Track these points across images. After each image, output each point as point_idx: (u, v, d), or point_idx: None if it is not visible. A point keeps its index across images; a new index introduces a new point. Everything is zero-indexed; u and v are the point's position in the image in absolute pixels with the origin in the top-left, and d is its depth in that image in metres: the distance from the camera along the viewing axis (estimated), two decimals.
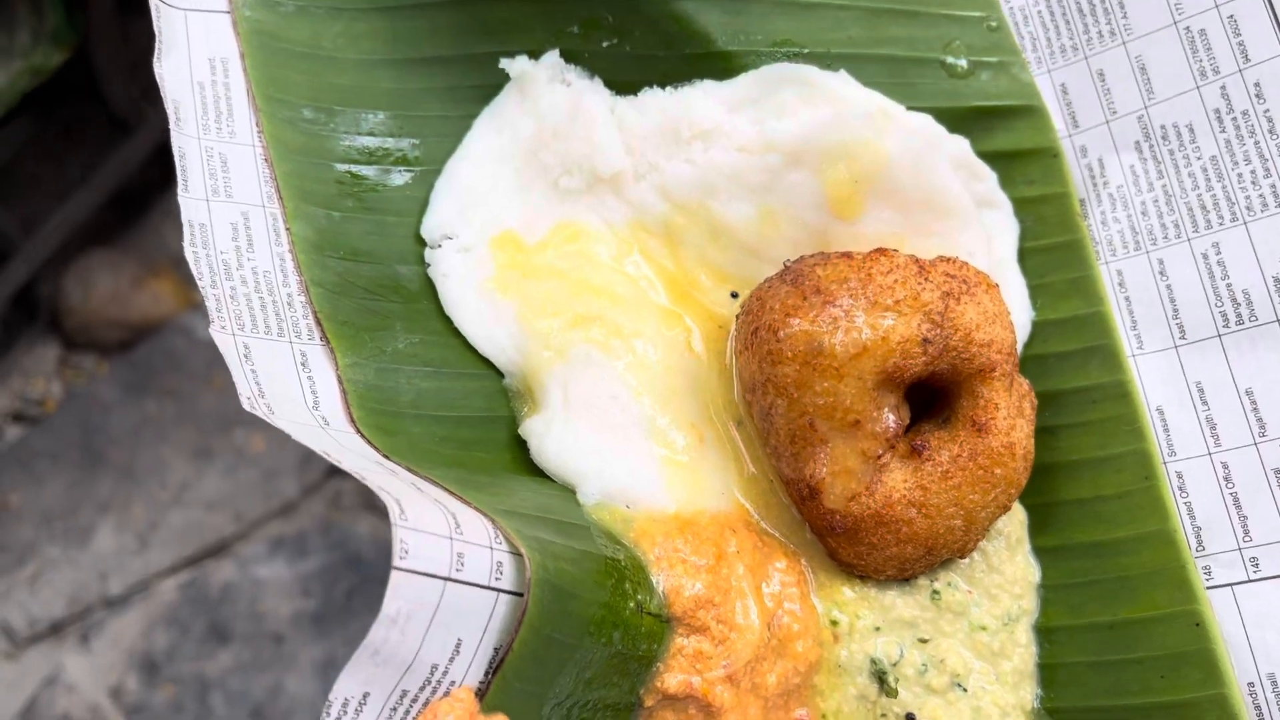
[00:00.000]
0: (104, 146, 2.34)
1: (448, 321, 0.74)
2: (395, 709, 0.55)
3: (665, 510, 0.68)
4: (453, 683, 0.56)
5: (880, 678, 0.69)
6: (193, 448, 2.49)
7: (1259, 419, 0.70)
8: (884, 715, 0.69)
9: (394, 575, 0.52)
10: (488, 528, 0.58)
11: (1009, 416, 0.68)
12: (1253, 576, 0.67)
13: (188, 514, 2.48)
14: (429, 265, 0.75)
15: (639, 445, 0.69)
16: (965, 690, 0.69)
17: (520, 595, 0.57)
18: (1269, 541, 0.67)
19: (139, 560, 2.41)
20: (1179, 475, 0.71)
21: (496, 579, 0.57)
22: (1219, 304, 0.73)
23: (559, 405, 0.70)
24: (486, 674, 0.57)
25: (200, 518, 2.35)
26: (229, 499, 2.33)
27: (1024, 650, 0.71)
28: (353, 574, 2.26)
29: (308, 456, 2.32)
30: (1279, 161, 0.73)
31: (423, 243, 0.76)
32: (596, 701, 0.64)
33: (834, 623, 0.70)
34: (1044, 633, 0.72)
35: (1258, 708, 0.65)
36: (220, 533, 2.26)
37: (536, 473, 0.71)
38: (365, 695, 0.53)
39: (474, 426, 0.71)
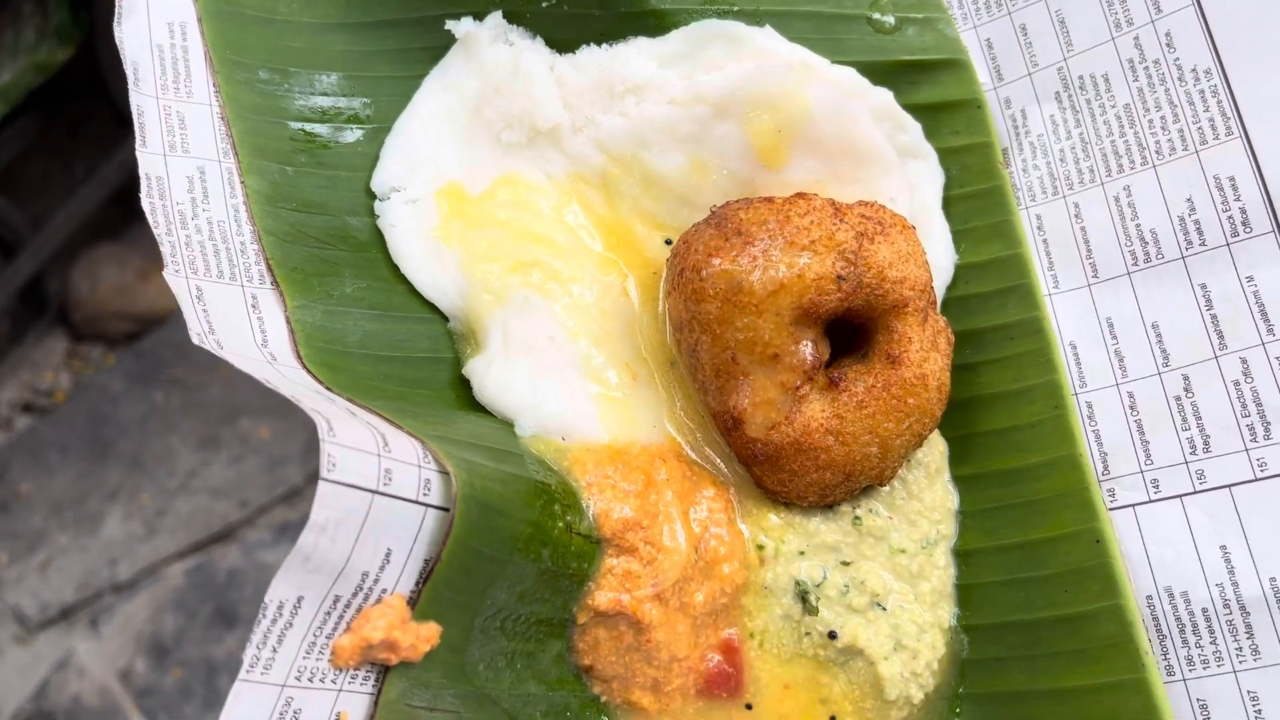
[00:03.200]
0: (109, 142, 2.37)
1: (395, 269, 0.78)
2: (329, 614, 0.59)
3: (598, 441, 0.72)
4: (384, 590, 0.60)
5: (804, 598, 0.73)
6: (199, 436, 2.53)
7: (1163, 350, 0.73)
8: (808, 634, 0.73)
9: (321, 486, 0.56)
10: (416, 448, 0.62)
11: (922, 350, 0.72)
12: (1153, 497, 0.71)
13: (194, 501, 2.52)
14: (378, 216, 0.79)
15: (574, 382, 0.73)
16: (885, 609, 0.73)
17: (447, 510, 0.61)
18: (1168, 464, 0.71)
19: (147, 546, 2.45)
20: (1089, 405, 0.75)
21: (425, 494, 0.61)
22: (1129, 243, 0.76)
23: (499, 346, 0.74)
24: (417, 584, 0.61)
25: (207, 504, 2.39)
26: (235, 486, 2.37)
27: (942, 572, 0.75)
28: None
29: (311, 444, 2.35)
30: (1187, 108, 0.76)
31: (373, 196, 0.80)
32: (530, 616, 0.68)
33: (760, 547, 0.74)
34: (961, 555, 0.76)
35: (1156, 618, 0.69)
36: (226, 519, 2.30)
37: (480, 411, 0.75)
38: (299, 599, 0.57)
39: (419, 366, 0.75)
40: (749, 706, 0.74)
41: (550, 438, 0.72)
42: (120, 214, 2.63)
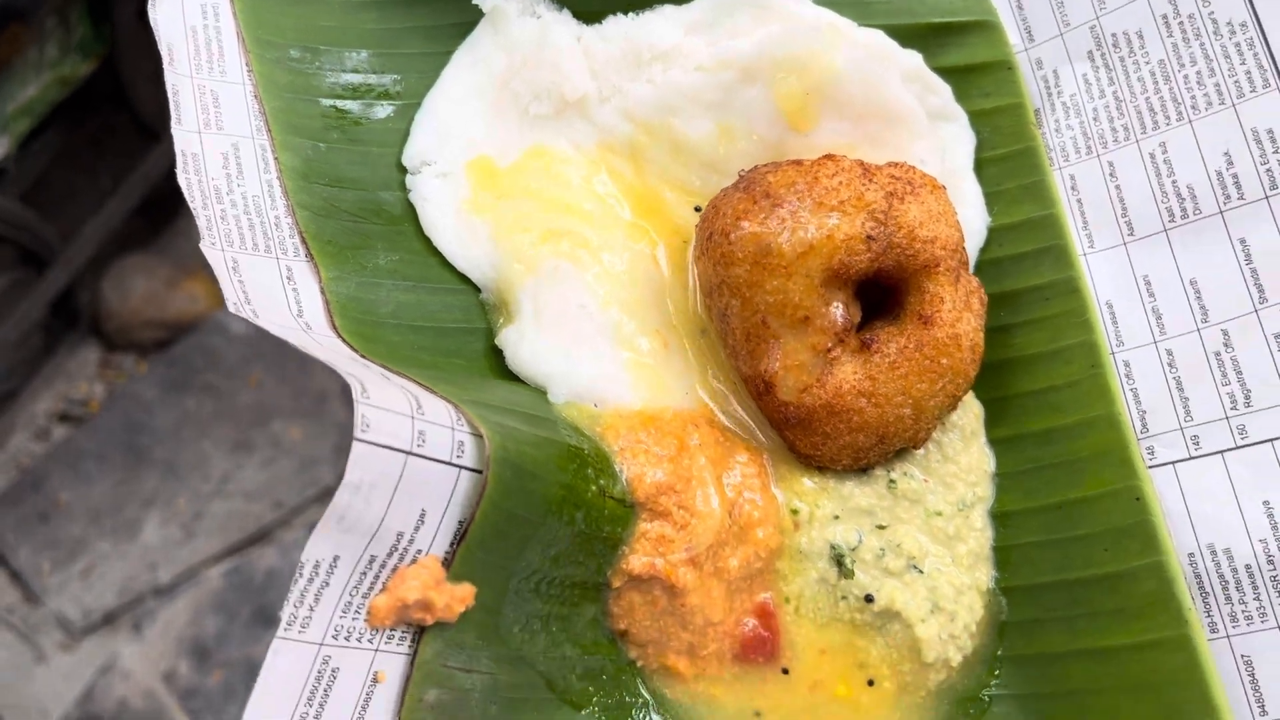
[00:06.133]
0: (133, 154, 2.38)
1: (427, 242, 0.79)
2: (365, 573, 0.59)
3: (630, 407, 0.72)
4: (419, 551, 0.61)
5: (839, 561, 0.73)
6: (232, 441, 2.56)
7: (1201, 306, 0.72)
8: (844, 597, 0.73)
9: (356, 446, 0.56)
10: (450, 411, 0.63)
11: (954, 309, 0.71)
12: (1193, 454, 0.70)
13: (230, 504, 2.55)
14: (409, 190, 0.80)
15: (606, 349, 0.74)
16: (922, 572, 0.73)
17: (481, 472, 0.62)
18: (1208, 420, 0.70)
19: (185, 550, 2.48)
20: (1126, 364, 0.74)
21: (458, 456, 0.61)
22: (1165, 200, 0.75)
23: (530, 315, 0.74)
24: (452, 545, 0.62)
25: (242, 507, 2.42)
26: (269, 488, 2.39)
27: (979, 534, 0.74)
28: None
29: (342, 445, 2.37)
30: (1223, 62, 0.75)
31: (404, 170, 0.81)
32: (565, 579, 0.68)
33: (794, 511, 0.74)
34: (999, 518, 0.75)
35: (1198, 575, 0.68)
36: (261, 521, 2.33)
37: (514, 380, 0.75)
38: (335, 559, 0.58)
39: (452, 337, 0.76)
40: (786, 671, 0.73)
41: (583, 404, 0.72)
42: (146, 225, 2.66)
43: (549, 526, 0.66)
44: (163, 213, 2.67)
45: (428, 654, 0.63)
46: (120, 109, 2.27)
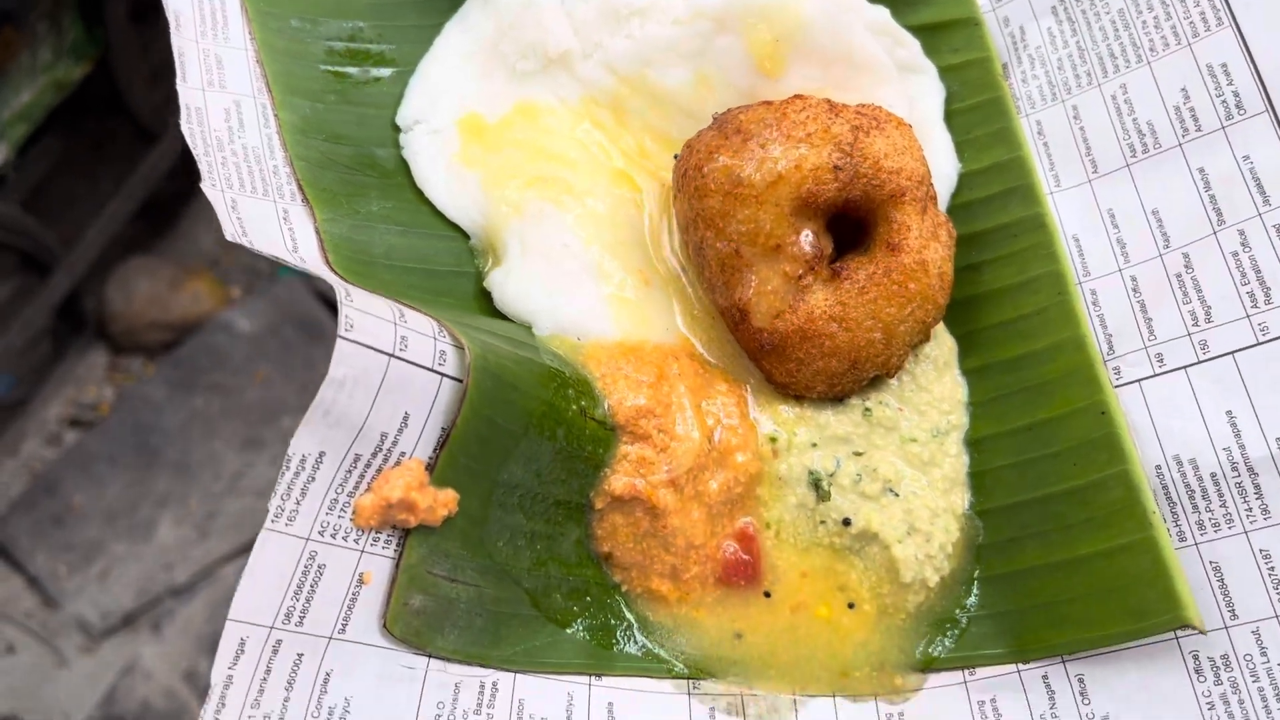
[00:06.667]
0: (132, 157, 2.40)
1: (419, 193, 0.82)
2: (350, 472, 0.62)
3: (612, 339, 0.75)
4: (403, 454, 0.64)
5: (816, 485, 0.75)
6: (242, 439, 2.58)
7: (1163, 233, 0.75)
8: (823, 522, 0.75)
9: (339, 344, 0.59)
10: (432, 324, 0.66)
11: (921, 238, 0.74)
12: (1158, 371, 0.72)
13: (242, 502, 2.57)
14: (403, 148, 0.83)
15: (589, 286, 0.77)
16: (898, 495, 0.74)
17: (462, 382, 0.65)
18: (1171, 338, 0.72)
19: (200, 549, 2.50)
20: (1093, 293, 0.76)
21: (440, 364, 0.64)
22: (1126, 137, 0.78)
23: (517, 255, 0.78)
24: (435, 451, 0.65)
25: (254, 504, 2.43)
26: None
27: (954, 460, 0.76)
28: None
29: None
30: (1179, 6, 0.78)
31: (398, 129, 0.85)
32: (548, 496, 0.71)
33: (773, 439, 0.76)
34: (973, 445, 0.77)
35: (1165, 487, 0.70)
36: None
37: (502, 319, 0.78)
38: (321, 454, 0.61)
39: (442, 279, 0.79)
40: (768, 594, 0.75)
41: (566, 337, 0.75)
42: (147, 227, 2.68)
43: (530, 440, 0.68)
44: (163, 215, 2.70)
45: (413, 559, 0.65)
46: (117, 112, 2.30)
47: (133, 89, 2.23)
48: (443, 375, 0.64)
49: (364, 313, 0.61)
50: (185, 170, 2.65)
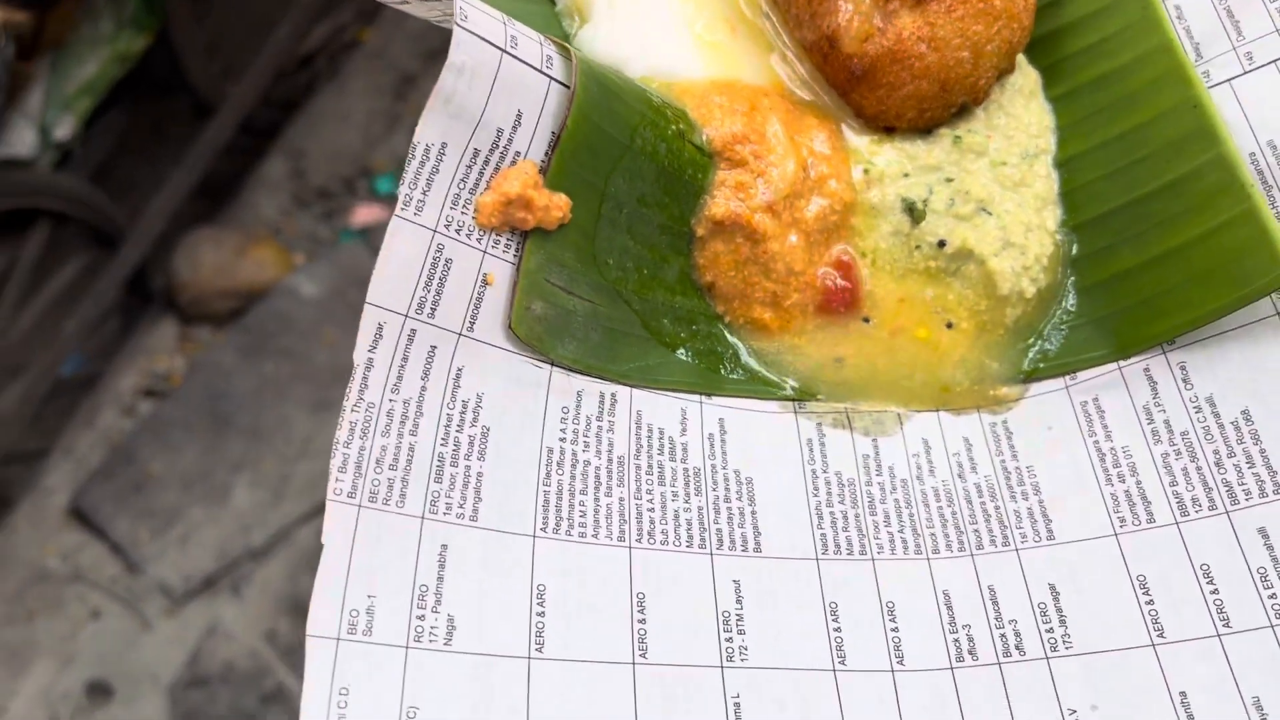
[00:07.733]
0: (192, 129, 2.47)
1: None
2: (470, 166, 0.64)
3: (704, 78, 0.77)
4: (518, 153, 0.66)
5: (910, 209, 0.76)
6: (312, 401, 2.63)
7: None
8: (918, 247, 0.76)
9: (456, 31, 0.61)
10: (535, 32, 0.68)
11: None
12: (1247, 69, 0.73)
13: (314, 464, 2.62)
14: None
15: (680, 32, 0.79)
16: (991, 214, 0.76)
17: (569, 87, 0.67)
18: (1260, 35, 0.73)
19: (275, 512, 2.55)
20: (1177, 7, 0.77)
21: (548, 67, 0.67)
22: None
23: (605, 11, 0.80)
24: (546, 154, 0.67)
25: (326, 467, 2.49)
26: None
27: (1045, 180, 0.77)
28: None
29: None
30: None
31: None
32: (653, 220, 0.73)
33: (866, 171, 0.78)
34: (1062, 165, 0.78)
35: (1260, 172, 0.70)
36: None
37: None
38: (444, 146, 0.63)
39: None
40: (867, 320, 0.77)
41: (658, 77, 0.77)
42: (208, 199, 2.75)
43: (634, 153, 0.70)
44: (223, 183, 2.76)
45: (531, 264, 0.68)
46: (176, 87, 2.35)
47: (191, 61, 2.28)
48: (551, 78, 0.67)
49: (474, 7, 0.64)
50: (243, 138, 2.70)
